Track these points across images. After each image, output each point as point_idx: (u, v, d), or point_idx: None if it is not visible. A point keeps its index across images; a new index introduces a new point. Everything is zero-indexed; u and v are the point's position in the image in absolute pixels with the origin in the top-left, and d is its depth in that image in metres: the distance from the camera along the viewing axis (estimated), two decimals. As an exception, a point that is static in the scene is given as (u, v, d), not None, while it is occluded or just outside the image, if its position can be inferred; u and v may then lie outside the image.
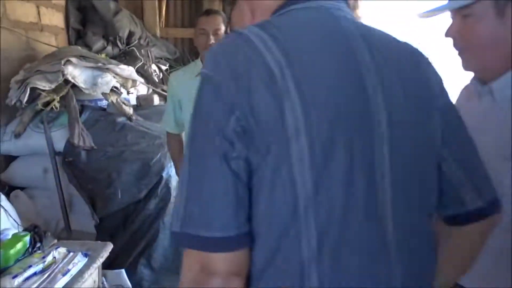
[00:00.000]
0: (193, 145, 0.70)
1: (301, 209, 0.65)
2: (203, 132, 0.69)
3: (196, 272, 0.68)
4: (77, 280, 1.36)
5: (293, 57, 0.68)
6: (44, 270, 1.36)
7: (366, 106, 0.70)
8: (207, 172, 0.66)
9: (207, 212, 0.65)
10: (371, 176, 0.69)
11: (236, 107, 0.66)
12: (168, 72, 4.46)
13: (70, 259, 1.43)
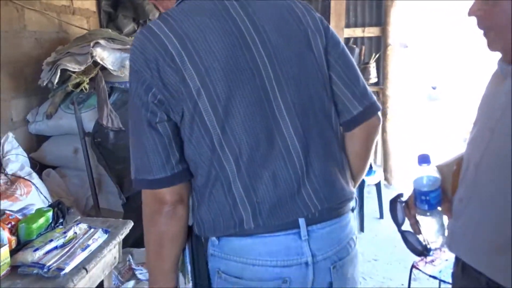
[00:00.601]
0: (131, 119, 0.97)
1: (217, 145, 0.94)
2: (134, 108, 0.95)
3: (152, 203, 0.97)
4: (96, 256, 1.39)
5: (186, 38, 0.93)
6: (64, 244, 1.40)
7: (252, 59, 0.96)
8: (140, 136, 0.95)
9: (146, 162, 0.95)
10: (267, 109, 0.95)
11: (152, 86, 0.93)
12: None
13: (91, 235, 1.47)
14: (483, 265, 0.96)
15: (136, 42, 0.96)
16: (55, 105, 2.94)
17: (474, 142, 1.03)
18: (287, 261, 0.95)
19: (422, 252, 1.16)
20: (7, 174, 2.49)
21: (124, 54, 2.97)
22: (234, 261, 0.97)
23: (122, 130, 2.83)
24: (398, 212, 1.19)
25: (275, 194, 0.95)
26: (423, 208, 1.08)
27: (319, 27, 1.06)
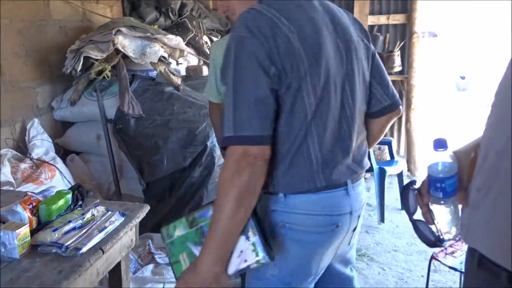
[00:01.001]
0: (242, 83, 1.07)
1: (308, 121, 1.15)
2: (249, 68, 1.07)
3: (239, 156, 1.05)
4: (112, 237, 1.42)
5: (295, 26, 1.11)
6: (82, 225, 1.43)
7: (339, 56, 1.21)
8: (253, 94, 1.06)
9: (255, 121, 1.06)
10: (344, 99, 1.22)
11: (273, 58, 1.07)
12: (218, 44, 4.46)
13: (108, 218, 1.50)
14: (505, 259, 0.90)
15: (249, 16, 1.10)
16: (79, 92, 3.00)
17: (495, 127, 0.97)
18: (340, 211, 1.23)
19: (435, 243, 1.11)
20: (33, 159, 2.57)
21: (145, 41, 3.00)
22: (299, 213, 1.19)
23: (142, 117, 2.88)
24: (410, 200, 1.15)
25: (339, 161, 1.22)
26: (437, 196, 1.03)
27: (368, 37, 1.35)
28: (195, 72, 3.65)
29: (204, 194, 2.81)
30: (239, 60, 1.07)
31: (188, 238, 1.18)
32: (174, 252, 1.20)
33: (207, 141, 2.85)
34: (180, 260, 1.18)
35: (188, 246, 1.18)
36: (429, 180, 1.06)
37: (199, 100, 3.07)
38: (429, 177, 1.05)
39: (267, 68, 1.07)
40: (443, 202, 1.04)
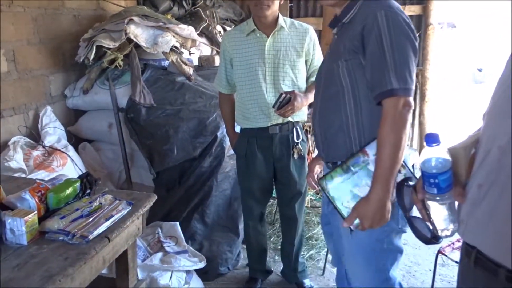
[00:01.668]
0: (400, 39, 1.38)
1: None
2: (408, 34, 1.40)
3: (401, 106, 1.35)
4: (119, 226, 1.45)
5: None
6: (90, 214, 1.46)
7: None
8: (410, 55, 1.39)
9: (410, 76, 1.39)
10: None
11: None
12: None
13: (115, 206, 1.52)
14: (506, 257, 0.89)
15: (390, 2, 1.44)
16: (91, 81, 3.03)
17: (497, 123, 0.95)
18: None
19: (431, 240, 1.10)
20: (45, 146, 2.61)
21: (157, 31, 3.01)
22: None
23: (153, 106, 2.89)
24: (405, 197, 1.14)
25: None
26: (432, 192, 1.02)
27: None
28: (207, 62, 3.65)
29: (214, 184, 2.82)
30: (398, 28, 1.37)
31: (347, 182, 1.44)
32: (337, 196, 1.45)
33: (217, 131, 2.85)
34: (344, 202, 1.44)
35: (350, 189, 1.44)
36: (423, 176, 1.04)
37: (210, 90, 3.07)
38: (423, 173, 1.03)
39: (414, 37, 1.40)
40: (438, 198, 1.02)
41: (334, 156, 1.57)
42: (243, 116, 2.34)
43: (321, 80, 1.62)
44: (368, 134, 1.48)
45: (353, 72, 1.47)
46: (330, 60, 1.57)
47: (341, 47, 1.49)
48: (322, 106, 1.59)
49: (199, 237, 2.80)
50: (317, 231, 3.29)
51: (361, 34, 1.42)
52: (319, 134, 1.62)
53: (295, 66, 2.26)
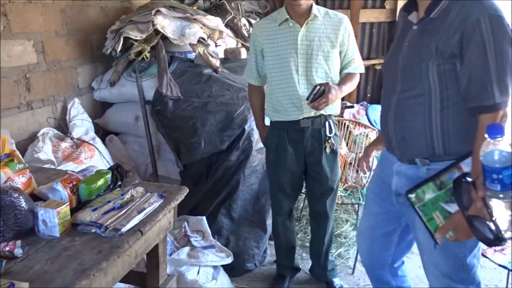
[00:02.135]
0: (503, 49, 1.28)
1: None
2: (510, 42, 1.28)
3: (499, 119, 1.27)
4: (151, 219, 1.40)
5: None
6: (122, 206, 1.42)
7: None
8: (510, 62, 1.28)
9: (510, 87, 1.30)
10: None
11: None
12: (257, 26, 4.37)
13: (147, 199, 1.48)
14: None
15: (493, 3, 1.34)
16: (118, 73, 3.00)
17: None
18: None
19: (494, 241, 1.01)
20: (73, 138, 2.60)
21: (185, 22, 2.96)
22: None
23: (180, 98, 2.85)
24: (464, 194, 1.05)
25: None
26: (494, 189, 0.94)
27: None
28: (233, 54, 3.59)
29: (241, 178, 2.77)
30: (503, 34, 1.27)
31: (439, 198, 1.41)
32: (427, 212, 1.44)
33: (244, 124, 2.79)
34: (434, 218, 1.43)
35: (440, 205, 1.41)
36: (484, 171, 0.96)
37: (237, 82, 3.02)
38: (484, 167, 0.95)
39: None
40: (501, 196, 0.94)
41: (412, 154, 1.54)
42: (273, 108, 2.28)
43: (396, 76, 1.54)
44: (453, 139, 1.44)
45: (444, 77, 1.40)
46: (413, 58, 1.48)
47: (432, 47, 1.39)
48: (400, 105, 1.53)
49: (226, 232, 2.75)
50: (346, 228, 3.21)
51: (460, 41, 1.33)
52: (393, 132, 1.57)
53: (328, 57, 2.18)
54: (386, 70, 1.65)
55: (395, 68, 1.54)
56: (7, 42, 2.35)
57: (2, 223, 1.22)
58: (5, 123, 2.38)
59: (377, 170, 1.85)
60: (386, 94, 1.63)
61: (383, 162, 1.77)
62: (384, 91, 1.67)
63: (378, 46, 4.93)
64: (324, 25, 2.18)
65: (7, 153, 1.42)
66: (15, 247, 1.17)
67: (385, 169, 1.72)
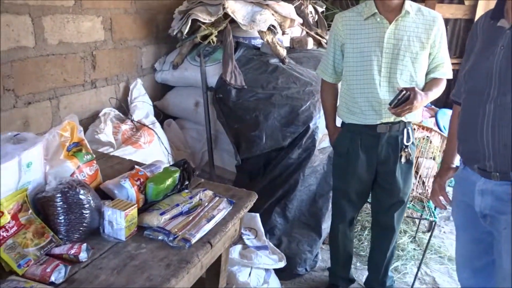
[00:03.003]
0: None
1: None
2: None
3: None
4: (220, 229, 1.28)
5: None
6: (190, 211, 1.31)
7: None
8: None
9: None
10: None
11: None
12: (323, 15, 4.16)
13: (216, 205, 1.36)
14: None
15: None
16: (182, 55, 2.90)
17: None
18: None
19: None
20: (133, 121, 2.53)
21: (256, 7, 2.81)
22: None
23: (244, 88, 2.72)
24: None
25: None
26: None
27: None
28: (300, 44, 3.41)
29: (300, 178, 2.62)
30: None
31: None
32: None
33: (309, 121, 2.63)
34: None
35: None
36: None
37: (304, 75, 2.84)
38: None
39: None
40: None
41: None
42: (348, 109, 2.10)
43: (488, 82, 1.43)
44: None
45: None
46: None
47: None
48: (499, 110, 1.41)
49: (279, 232, 2.63)
50: (404, 240, 3.01)
51: None
52: (489, 141, 1.45)
53: (416, 59, 1.97)
54: (474, 76, 1.52)
55: (487, 73, 1.45)
56: (77, 17, 2.29)
57: (68, 222, 1.13)
58: (69, 100, 2.33)
59: (456, 195, 1.72)
60: (475, 102, 1.50)
61: (462, 184, 1.65)
62: (470, 100, 1.54)
63: (451, 45, 4.59)
64: (416, 23, 1.97)
65: (76, 142, 1.34)
66: (80, 251, 1.08)
67: (466, 192, 1.59)
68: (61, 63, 2.24)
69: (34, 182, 1.15)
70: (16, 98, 2.04)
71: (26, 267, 1.01)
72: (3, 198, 1.04)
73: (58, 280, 1.00)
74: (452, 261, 2.85)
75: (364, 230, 3.11)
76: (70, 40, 2.27)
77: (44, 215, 1.14)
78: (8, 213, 1.04)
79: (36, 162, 1.15)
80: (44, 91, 2.18)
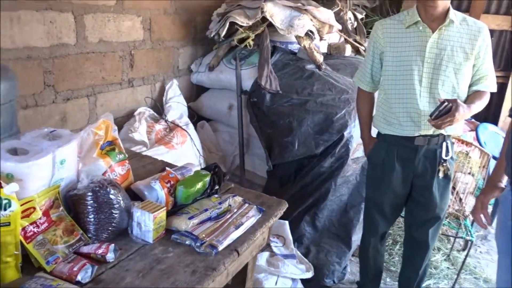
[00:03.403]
0: None
1: None
2: None
3: None
4: (248, 238, 1.25)
5: None
6: (218, 216, 1.29)
7: None
8: None
9: None
10: None
11: None
12: (363, 22, 4.09)
13: (245, 212, 1.34)
14: None
15: None
16: (218, 58, 2.90)
17: None
18: None
19: None
20: (167, 121, 2.54)
21: (295, 12, 2.78)
22: None
23: (279, 93, 2.69)
24: None
25: None
26: None
27: None
28: (337, 50, 3.35)
29: (331, 187, 2.56)
30: None
31: None
32: None
33: (344, 130, 2.57)
34: None
35: None
36: None
37: (340, 83, 2.79)
38: None
39: None
40: None
41: None
42: (385, 120, 2.03)
43: None
44: None
45: None
46: None
47: None
48: None
49: (307, 241, 2.58)
50: (438, 258, 2.90)
51: None
52: None
53: (459, 70, 1.89)
54: None
55: None
56: (118, 16, 2.32)
57: (97, 221, 1.13)
58: (106, 98, 2.37)
59: (501, 217, 1.64)
60: None
61: (507, 207, 1.56)
62: None
63: (495, 57, 4.41)
64: (460, 33, 1.88)
65: (110, 141, 1.34)
66: (108, 251, 1.08)
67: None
68: (100, 61, 2.27)
69: (67, 179, 1.16)
70: (56, 94, 2.08)
71: (54, 264, 1.02)
72: (36, 194, 1.05)
73: (85, 280, 0.99)
74: (488, 283, 2.72)
75: (395, 245, 3.01)
76: (110, 39, 2.30)
77: (75, 212, 1.15)
78: (40, 209, 1.05)
79: (70, 159, 1.16)
80: (83, 88, 2.22)
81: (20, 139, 1.13)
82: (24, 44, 1.87)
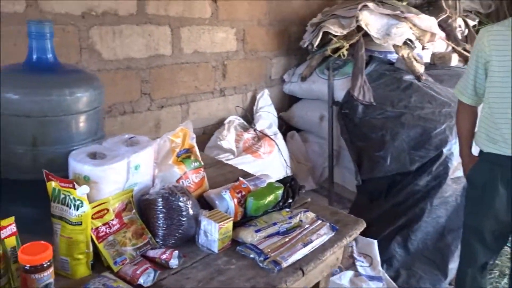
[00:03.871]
0: None
1: None
2: None
3: None
4: (316, 257, 1.19)
5: None
6: (287, 231, 1.24)
7: None
8: None
9: None
10: None
11: None
12: (475, 30, 3.73)
13: (316, 228, 1.27)
14: None
15: None
16: (311, 68, 2.87)
17: None
18: None
19: None
20: (256, 130, 2.57)
21: (392, 20, 2.63)
22: None
23: (372, 105, 2.56)
24: None
25: None
26: None
27: None
28: (442, 60, 3.10)
29: (427, 208, 2.36)
30: None
31: None
32: None
33: (443, 146, 2.36)
34: None
35: None
36: None
37: (442, 95, 2.57)
38: None
39: None
40: None
41: None
42: (488, 136, 1.81)
43: None
44: None
45: None
46: None
47: None
48: None
49: (397, 263, 2.39)
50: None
51: None
52: None
53: None
54: None
55: None
56: (212, 28, 2.40)
57: (165, 227, 1.16)
58: (198, 106, 2.46)
59: None
60: None
61: None
62: None
63: None
64: None
65: (186, 148, 1.38)
66: (172, 257, 1.09)
67: None
68: (194, 71, 2.37)
69: (141, 184, 1.21)
70: (151, 102, 2.22)
71: (121, 265, 1.06)
72: (110, 196, 1.10)
73: (146, 284, 1.02)
74: None
75: (502, 277, 2.67)
76: (204, 50, 2.39)
77: (146, 217, 1.19)
78: (113, 211, 1.11)
79: (145, 165, 1.21)
80: (176, 97, 2.33)
81: (102, 144, 1.21)
82: (124, 55, 2.02)
